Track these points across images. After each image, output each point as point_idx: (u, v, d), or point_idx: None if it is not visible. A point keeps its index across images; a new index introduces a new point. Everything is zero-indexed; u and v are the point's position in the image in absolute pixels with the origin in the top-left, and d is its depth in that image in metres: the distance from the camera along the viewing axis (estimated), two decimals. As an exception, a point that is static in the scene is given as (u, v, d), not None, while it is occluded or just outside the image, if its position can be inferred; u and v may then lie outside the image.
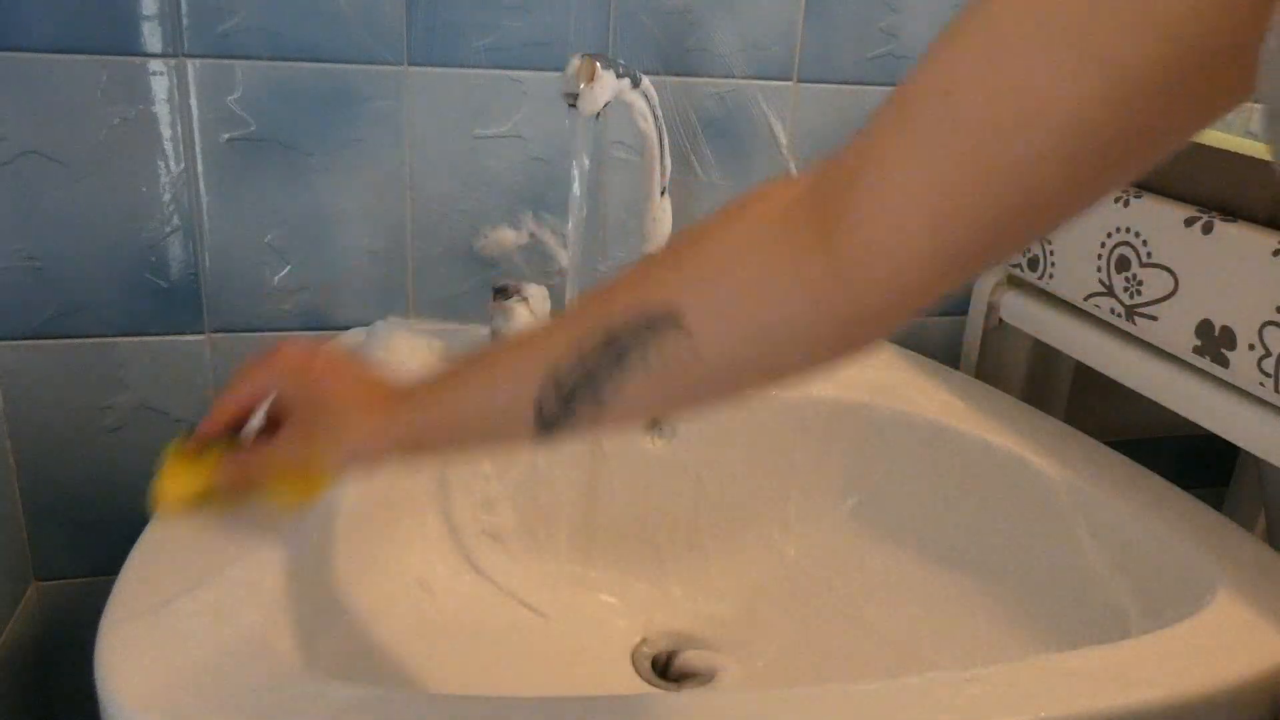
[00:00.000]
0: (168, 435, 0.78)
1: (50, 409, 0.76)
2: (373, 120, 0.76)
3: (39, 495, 0.78)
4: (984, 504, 0.72)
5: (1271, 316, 0.59)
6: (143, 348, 0.77)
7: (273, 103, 0.73)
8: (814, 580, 0.74)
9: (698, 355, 0.38)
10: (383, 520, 0.66)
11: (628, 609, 0.73)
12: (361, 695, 0.43)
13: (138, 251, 0.74)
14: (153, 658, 0.44)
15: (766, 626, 0.72)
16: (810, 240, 0.36)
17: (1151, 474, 0.69)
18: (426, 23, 0.75)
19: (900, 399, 0.77)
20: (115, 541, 0.79)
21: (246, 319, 0.78)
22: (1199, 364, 0.65)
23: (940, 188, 0.32)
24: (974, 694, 0.46)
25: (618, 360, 0.40)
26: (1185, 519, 0.64)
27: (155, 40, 0.70)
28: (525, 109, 0.78)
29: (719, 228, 0.40)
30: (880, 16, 0.84)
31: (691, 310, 0.38)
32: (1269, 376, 0.59)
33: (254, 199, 0.75)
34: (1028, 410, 0.78)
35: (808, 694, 0.46)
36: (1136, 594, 0.62)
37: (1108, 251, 0.72)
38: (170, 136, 0.72)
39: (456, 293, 0.82)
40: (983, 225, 0.32)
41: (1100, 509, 0.65)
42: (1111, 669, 0.49)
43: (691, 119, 0.82)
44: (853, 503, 0.77)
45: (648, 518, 0.76)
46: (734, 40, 0.81)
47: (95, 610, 0.47)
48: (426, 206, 0.79)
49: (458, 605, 0.68)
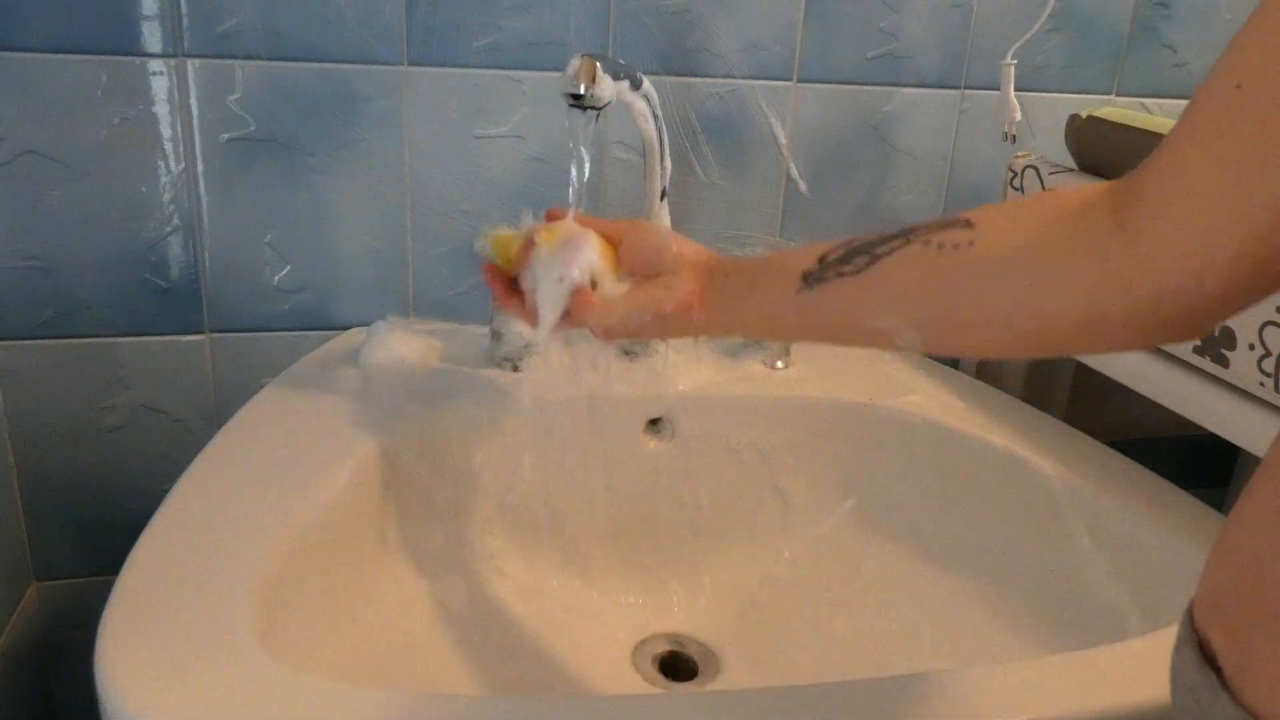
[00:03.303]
0: (168, 435, 0.79)
1: (50, 409, 0.76)
2: (373, 120, 0.76)
3: (39, 495, 0.78)
4: (984, 504, 0.72)
5: (1271, 316, 0.59)
6: (143, 348, 0.77)
7: (273, 103, 0.73)
8: (814, 580, 0.74)
9: (974, 241, 0.41)
10: (383, 520, 0.66)
11: (629, 608, 0.73)
12: (362, 696, 0.43)
13: (138, 251, 0.74)
14: (153, 658, 0.44)
15: (767, 626, 0.72)
16: (1107, 223, 0.36)
17: (1151, 474, 0.69)
18: (426, 23, 0.75)
19: (900, 399, 0.77)
20: (115, 541, 0.79)
21: (246, 319, 0.78)
22: (1199, 364, 0.65)
23: (1236, 179, 0.32)
24: (973, 694, 0.46)
25: (906, 235, 0.44)
26: (1185, 519, 0.64)
27: (155, 40, 0.70)
28: (525, 109, 0.79)
29: (1014, 201, 0.43)
30: (880, 16, 0.84)
31: (984, 219, 0.42)
32: (1269, 376, 0.59)
33: (254, 199, 0.75)
34: (1028, 410, 0.78)
35: (807, 692, 0.46)
36: (1135, 594, 0.62)
37: (1108, 251, 0.72)
38: (170, 136, 0.72)
39: (456, 293, 0.82)
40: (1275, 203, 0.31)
41: (1100, 509, 0.65)
42: (1111, 669, 0.49)
43: (691, 119, 0.82)
44: (852, 502, 0.77)
45: (649, 517, 0.76)
46: (734, 40, 0.81)
47: (95, 610, 0.47)
48: (426, 206, 0.79)
49: (459, 606, 0.68)
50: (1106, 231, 0.36)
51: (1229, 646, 0.30)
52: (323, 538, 0.58)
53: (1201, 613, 0.32)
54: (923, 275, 0.43)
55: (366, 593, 0.63)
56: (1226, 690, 0.29)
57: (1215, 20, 0.92)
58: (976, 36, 0.87)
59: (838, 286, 0.46)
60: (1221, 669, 0.30)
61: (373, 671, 0.59)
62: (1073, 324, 0.38)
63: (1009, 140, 0.82)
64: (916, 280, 0.43)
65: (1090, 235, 0.37)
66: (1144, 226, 0.35)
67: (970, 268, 0.41)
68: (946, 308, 0.42)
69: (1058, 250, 0.38)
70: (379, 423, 0.67)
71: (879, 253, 0.44)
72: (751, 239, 0.86)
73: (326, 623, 0.57)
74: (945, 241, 0.42)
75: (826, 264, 0.46)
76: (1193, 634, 0.32)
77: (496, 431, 0.71)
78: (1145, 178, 0.35)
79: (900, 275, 0.44)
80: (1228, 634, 0.30)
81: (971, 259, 0.41)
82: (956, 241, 0.42)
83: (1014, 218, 0.41)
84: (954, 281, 0.42)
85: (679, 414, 0.75)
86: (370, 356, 0.74)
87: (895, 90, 0.86)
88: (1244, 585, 0.30)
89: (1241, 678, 0.29)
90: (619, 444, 0.75)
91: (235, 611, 0.48)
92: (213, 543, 0.53)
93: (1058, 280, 0.38)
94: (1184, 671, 0.32)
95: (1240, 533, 0.32)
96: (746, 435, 0.76)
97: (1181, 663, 0.32)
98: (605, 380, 0.76)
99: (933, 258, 0.42)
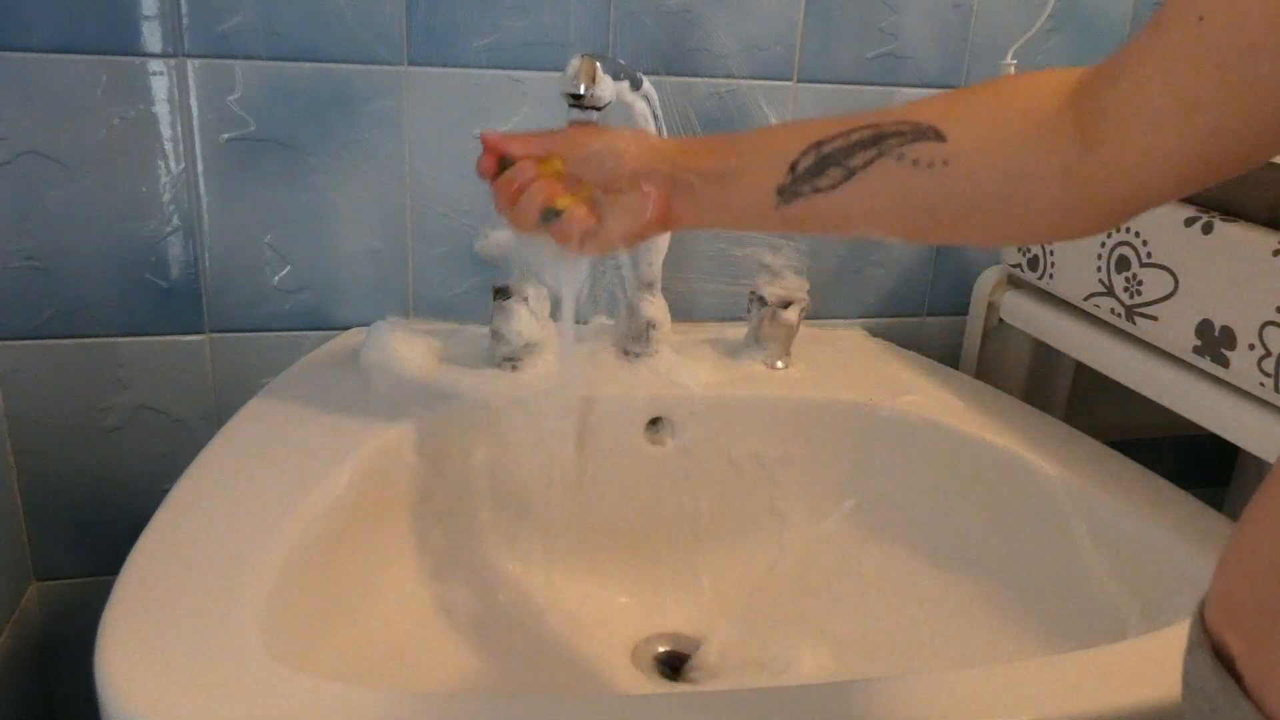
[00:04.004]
0: (168, 435, 0.79)
1: (50, 409, 0.76)
2: (373, 120, 0.76)
3: (39, 495, 0.78)
4: (984, 504, 0.72)
5: (1271, 316, 0.59)
6: (143, 348, 0.77)
7: (273, 103, 0.73)
8: (814, 580, 0.74)
9: (948, 160, 0.43)
10: (383, 520, 0.66)
11: (629, 608, 0.73)
12: (362, 696, 0.43)
13: (138, 251, 0.74)
14: (153, 658, 0.44)
15: (766, 625, 0.72)
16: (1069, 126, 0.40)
17: (1151, 474, 0.69)
18: (426, 23, 0.75)
19: (900, 399, 0.77)
20: (115, 541, 0.79)
21: (246, 319, 0.78)
22: (1199, 364, 0.65)
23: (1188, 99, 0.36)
24: (973, 694, 0.46)
25: (877, 143, 0.44)
26: (1185, 519, 0.64)
27: (155, 40, 0.70)
28: (525, 109, 0.78)
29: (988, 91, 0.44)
30: (880, 16, 0.84)
31: (954, 131, 0.43)
32: (1269, 376, 0.59)
33: (254, 199, 0.75)
34: (1028, 410, 0.78)
35: (807, 692, 0.46)
36: (1135, 594, 0.62)
37: (1108, 251, 0.72)
38: (170, 136, 0.72)
39: (456, 293, 0.82)
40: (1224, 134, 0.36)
41: (1100, 509, 0.65)
42: (1111, 669, 0.49)
43: (691, 119, 0.82)
44: (852, 502, 0.77)
45: (648, 517, 0.76)
46: (734, 40, 0.81)
47: (95, 610, 0.47)
48: (426, 206, 0.79)
49: (459, 606, 0.68)
50: (1073, 153, 0.40)
51: (1249, 653, 0.30)
52: (323, 538, 0.58)
53: (1215, 616, 0.32)
54: (899, 194, 0.44)
55: (366, 592, 0.63)
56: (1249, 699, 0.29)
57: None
58: (976, 36, 0.87)
59: (813, 202, 0.47)
60: (1241, 676, 0.30)
61: (373, 671, 0.59)
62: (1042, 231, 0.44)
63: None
64: (893, 199, 0.44)
65: (1060, 158, 0.40)
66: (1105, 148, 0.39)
67: (947, 191, 0.43)
68: (923, 223, 0.45)
69: (1032, 180, 0.41)
70: (379, 423, 0.67)
71: (852, 165, 0.45)
72: (752, 239, 0.86)
73: (327, 622, 0.57)
74: (920, 158, 0.43)
75: (799, 175, 0.47)
76: (1205, 637, 0.32)
77: (496, 431, 0.71)
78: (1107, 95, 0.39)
79: (876, 193, 0.45)
80: (1248, 640, 0.30)
81: (947, 182, 0.43)
82: (931, 159, 0.43)
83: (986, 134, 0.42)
84: (931, 203, 0.44)
85: (679, 414, 0.75)
86: (370, 356, 0.74)
87: (895, 90, 0.86)
88: (1264, 590, 0.30)
89: (1264, 685, 0.29)
90: (619, 444, 0.75)
91: (235, 611, 0.48)
92: (213, 543, 0.53)
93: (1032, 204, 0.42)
94: (1198, 676, 0.31)
95: (1258, 536, 0.31)
96: (747, 435, 0.76)
97: (1195, 667, 0.32)
98: (605, 380, 0.76)
99: (908, 175, 0.43)
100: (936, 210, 0.44)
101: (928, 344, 0.94)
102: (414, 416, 0.68)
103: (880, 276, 0.92)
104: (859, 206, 0.46)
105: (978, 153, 0.42)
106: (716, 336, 0.85)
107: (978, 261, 0.92)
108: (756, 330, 0.81)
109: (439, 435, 0.69)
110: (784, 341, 0.81)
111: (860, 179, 0.45)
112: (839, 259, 0.90)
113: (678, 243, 0.80)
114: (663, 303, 0.78)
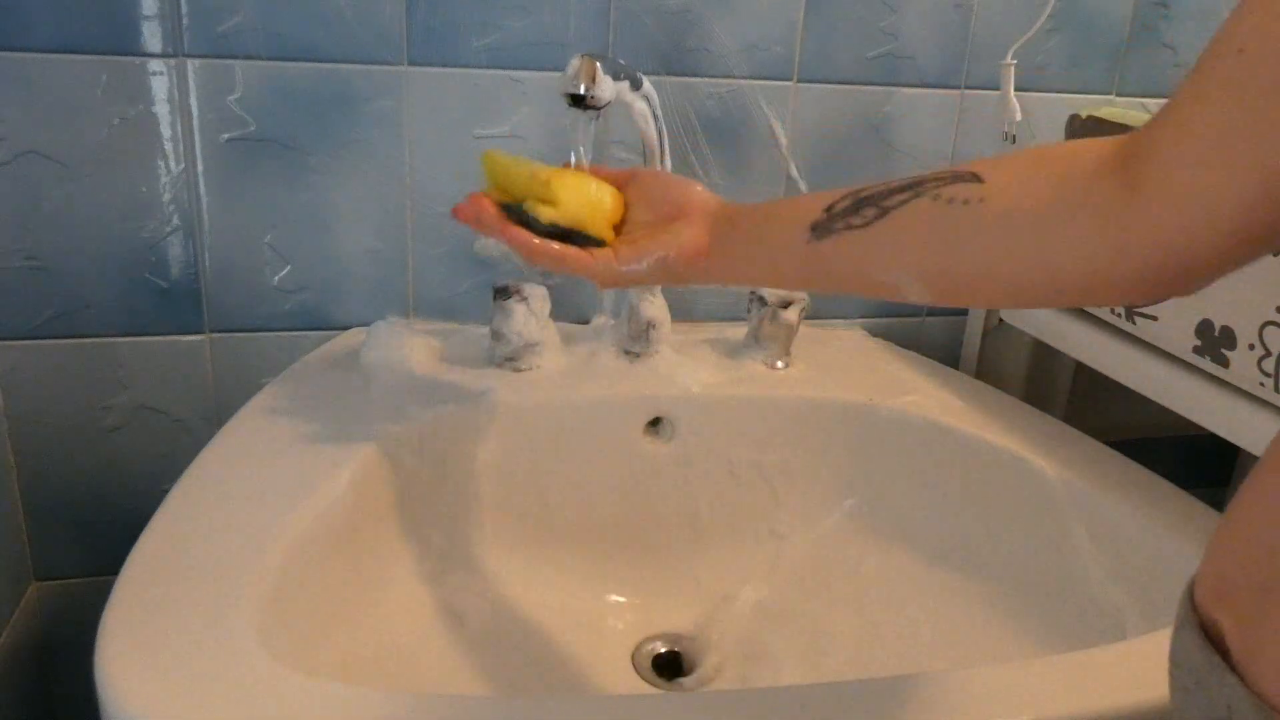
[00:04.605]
0: (168, 435, 0.79)
1: (50, 409, 0.76)
2: (373, 120, 0.76)
3: (39, 495, 0.78)
4: (983, 504, 0.72)
5: (1271, 316, 0.59)
6: (143, 348, 0.77)
7: (273, 103, 0.73)
8: (813, 579, 0.74)
9: (984, 198, 0.41)
10: (382, 521, 0.66)
11: (628, 609, 0.73)
12: (362, 696, 0.43)
13: (138, 251, 0.74)
14: (152, 658, 0.44)
15: (766, 625, 0.72)
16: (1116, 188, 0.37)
17: (1151, 474, 0.69)
18: (426, 23, 0.75)
19: (900, 399, 0.77)
20: (115, 541, 0.79)
21: (246, 319, 0.78)
22: (1199, 364, 0.65)
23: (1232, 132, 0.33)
24: (972, 694, 0.46)
25: (915, 189, 0.44)
26: (1185, 519, 0.64)
27: (155, 40, 0.70)
28: (525, 109, 0.78)
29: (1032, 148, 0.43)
30: (880, 16, 0.84)
31: (992, 175, 0.42)
32: (1269, 376, 0.59)
33: (254, 199, 0.75)
34: (1028, 410, 0.78)
35: (807, 693, 0.46)
36: (1135, 594, 0.62)
37: (1108, 251, 0.72)
38: (170, 136, 0.72)
39: (456, 293, 0.82)
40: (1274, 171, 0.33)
41: (1100, 509, 0.65)
42: (1110, 669, 0.49)
43: (691, 119, 0.82)
44: (852, 502, 0.77)
45: (648, 517, 0.76)
46: (734, 40, 0.81)
47: (95, 610, 0.47)
48: (426, 206, 0.79)
49: (459, 606, 0.68)
50: (1116, 197, 0.37)
51: (1239, 630, 0.30)
52: (322, 538, 0.58)
53: (1206, 596, 0.32)
54: (931, 230, 0.43)
55: (366, 592, 0.63)
56: (1235, 674, 0.29)
57: (1215, 20, 0.91)
58: (976, 36, 0.87)
59: (846, 239, 0.46)
60: (1229, 653, 0.30)
61: (373, 671, 0.59)
62: (1078, 282, 0.39)
63: (1009, 140, 0.82)
64: (925, 234, 0.43)
65: (1100, 199, 0.38)
66: (1150, 192, 0.36)
67: (979, 225, 0.41)
68: (954, 262, 0.43)
69: (1067, 217, 0.39)
70: (379, 423, 0.67)
71: (887, 205, 0.44)
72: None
73: (326, 623, 0.57)
74: (955, 196, 0.42)
75: (834, 214, 0.46)
76: (1194, 616, 0.32)
77: (496, 432, 0.71)
78: (1153, 139, 0.36)
79: (909, 229, 0.44)
80: (1238, 618, 0.30)
81: (981, 216, 0.41)
82: (966, 197, 0.42)
83: (1024, 176, 0.41)
84: (962, 237, 0.42)
85: (679, 414, 0.75)
86: (370, 356, 0.74)
87: (895, 90, 0.86)
88: (1255, 570, 0.30)
89: (1252, 662, 0.29)
90: (619, 444, 0.75)
91: (235, 611, 0.48)
92: (213, 543, 0.53)
93: (1067, 244, 0.39)
94: (1185, 653, 0.32)
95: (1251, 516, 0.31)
96: (747, 436, 0.76)
97: (1182, 645, 0.32)
98: (605, 380, 0.76)
99: (942, 212, 0.42)
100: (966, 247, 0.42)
101: (928, 344, 0.94)
102: (414, 417, 0.68)
103: (880, 276, 0.91)
104: (889, 243, 0.45)
105: (1013, 191, 0.41)
106: (716, 336, 0.85)
107: (978, 261, 0.92)
108: (756, 330, 0.81)
109: (439, 435, 0.69)
110: (784, 341, 0.81)
111: (893, 216, 0.44)
112: (839, 259, 0.90)
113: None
114: (663, 303, 0.78)
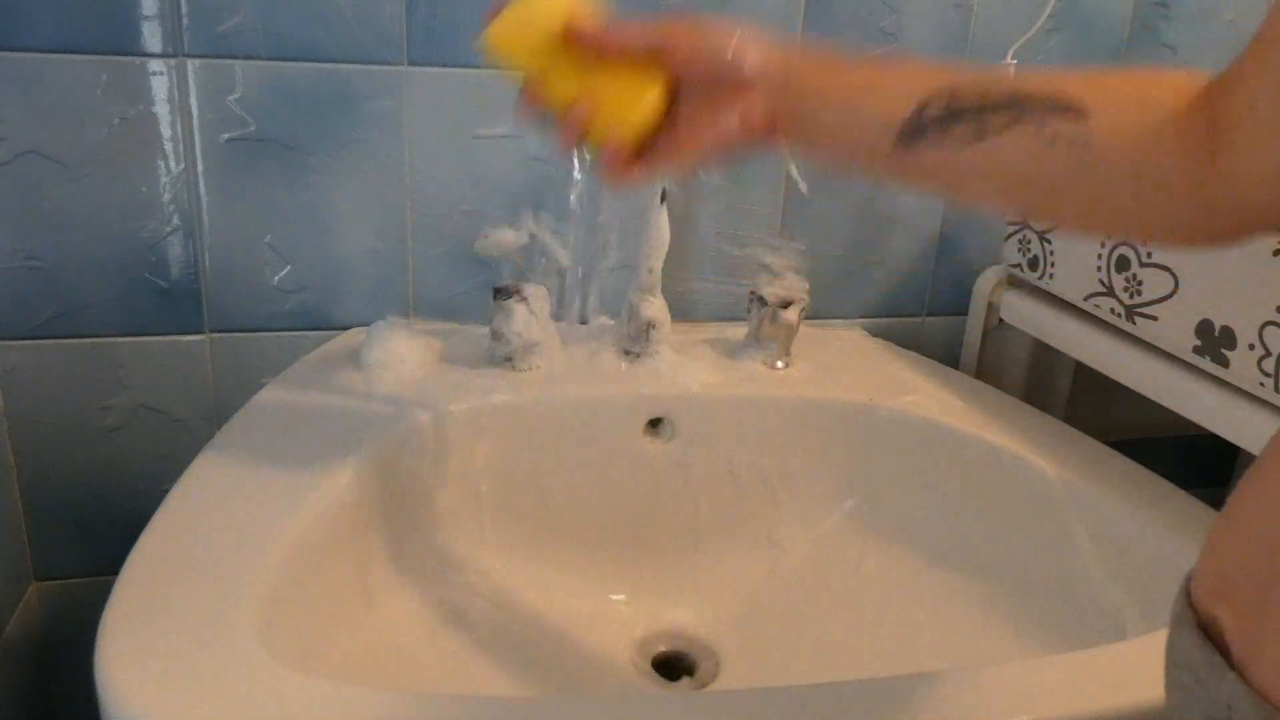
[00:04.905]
0: (168, 435, 0.79)
1: (50, 409, 0.76)
2: (373, 120, 0.76)
3: (39, 495, 0.78)
4: (983, 504, 0.72)
5: (1271, 316, 0.59)
6: (143, 348, 0.77)
7: (273, 103, 0.73)
8: (813, 580, 0.74)
9: (1087, 143, 0.40)
10: (382, 521, 0.66)
11: (628, 608, 0.73)
12: (362, 696, 0.43)
13: (138, 251, 0.74)
14: (152, 658, 0.44)
15: (766, 625, 0.72)
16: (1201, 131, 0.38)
17: (1151, 474, 0.69)
18: (426, 23, 0.75)
19: (900, 399, 0.77)
20: (115, 541, 0.79)
21: (246, 319, 0.78)
22: (1199, 364, 0.65)
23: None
24: (972, 694, 0.46)
25: (1016, 111, 0.41)
26: (1185, 519, 0.64)
27: (155, 40, 0.70)
28: (525, 109, 0.78)
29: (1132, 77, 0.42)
30: (880, 16, 0.84)
31: (1096, 111, 0.40)
32: (1269, 376, 0.59)
33: (254, 199, 0.75)
34: (1028, 410, 0.78)
35: (807, 692, 0.46)
36: (1135, 594, 0.62)
37: (1108, 251, 0.72)
38: (170, 136, 0.72)
39: (456, 293, 0.82)
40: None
41: (1099, 509, 0.65)
42: (1110, 669, 0.49)
43: (691, 119, 0.82)
44: (852, 502, 0.77)
45: (648, 517, 0.76)
46: (734, 40, 0.81)
47: (95, 610, 0.47)
48: (426, 206, 0.79)
49: (459, 605, 0.68)
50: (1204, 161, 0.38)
51: (1240, 627, 0.30)
52: (322, 538, 0.58)
53: (1204, 593, 0.32)
54: (1030, 168, 0.42)
55: (366, 592, 0.63)
56: (1235, 671, 0.29)
57: (1215, 21, 0.92)
58: (976, 36, 0.87)
59: (937, 154, 0.43)
60: (1229, 651, 0.30)
61: (373, 671, 0.59)
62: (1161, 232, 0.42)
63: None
64: (1023, 170, 0.42)
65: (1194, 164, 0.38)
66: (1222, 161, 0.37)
67: (1079, 177, 0.41)
68: (1050, 201, 0.43)
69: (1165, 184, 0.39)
70: (379, 423, 0.67)
71: (985, 127, 0.42)
72: (752, 239, 0.86)
73: (326, 623, 0.57)
74: (1059, 135, 0.40)
75: (926, 121, 0.43)
76: (1191, 613, 0.32)
77: (496, 432, 0.71)
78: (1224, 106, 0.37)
79: (1006, 162, 0.42)
80: (1238, 615, 0.30)
81: (1082, 168, 0.40)
82: (1071, 137, 0.40)
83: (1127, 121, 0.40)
84: (1062, 183, 0.41)
85: (679, 414, 0.75)
86: (370, 356, 0.74)
87: (895, 90, 0.86)
88: (1255, 566, 0.30)
89: (1253, 660, 0.29)
90: (619, 444, 0.75)
91: (235, 611, 0.48)
92: (212, 543, 0.53)
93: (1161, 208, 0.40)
94: (1184, 652, 0.32)
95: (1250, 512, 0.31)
96: (747, 436, 0.76)
97: (1180, 641, 0.32)
98: (605, 380, 0.76)
99: (1044, 153, 0.41)
100: (1064, 193, 0.42)
101: (928, 344, 0.94)
102: (414, 417, 0.68)
103: (880, 276, 0.92)
104: (983, 170, 0.43)
105: (1117, 144, 0.40)
106: (716, 336, 0.85)
107: (978, 261, 0.92)
108: (756, 330, 0.81)
109: (439, 435, 0.69)
110: (784, 341, 0.81)
111: (992, 143, 0.42)
112: (839, 259, 0.90)
113: (678, 243, 0.80)
114: (663, 303, 0.78)
